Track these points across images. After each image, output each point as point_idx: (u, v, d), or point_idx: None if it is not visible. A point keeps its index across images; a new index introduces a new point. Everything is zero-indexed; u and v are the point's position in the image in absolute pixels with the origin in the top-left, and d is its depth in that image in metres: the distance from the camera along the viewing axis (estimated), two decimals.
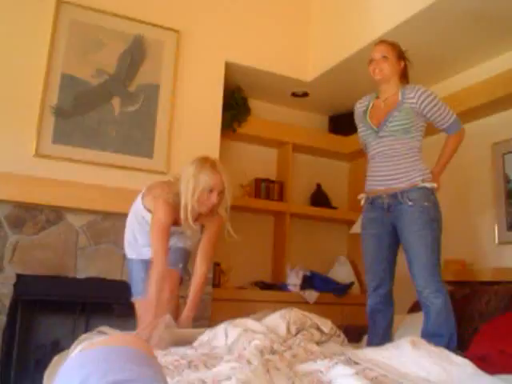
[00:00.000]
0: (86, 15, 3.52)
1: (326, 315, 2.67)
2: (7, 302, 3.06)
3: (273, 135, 4.55)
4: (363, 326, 3.53)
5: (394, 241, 2.76)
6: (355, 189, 4.96)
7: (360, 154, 4.82)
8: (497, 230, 3.57)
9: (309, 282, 4.20)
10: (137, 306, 2.70)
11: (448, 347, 2.17)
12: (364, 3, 3.79)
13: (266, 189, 4.51)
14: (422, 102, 2.68)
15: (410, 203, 2.57)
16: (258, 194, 4.48)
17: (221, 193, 2.54)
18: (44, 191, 3.20)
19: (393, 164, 2.66)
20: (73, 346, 2.08)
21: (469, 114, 3.70)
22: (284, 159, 4.67)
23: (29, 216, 3.22)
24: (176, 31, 3.80)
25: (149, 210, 2.64)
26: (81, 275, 3.31)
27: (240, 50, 4.09)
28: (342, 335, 2.28)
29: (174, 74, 3.75)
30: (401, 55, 2.82)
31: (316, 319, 2.19)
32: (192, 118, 3.80)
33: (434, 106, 2.69)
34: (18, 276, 3.12)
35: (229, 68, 4.06)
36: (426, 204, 2.57)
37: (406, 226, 2.60)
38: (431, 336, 2.44)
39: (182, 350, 1.90)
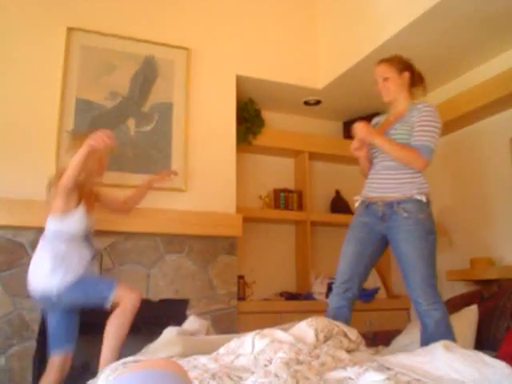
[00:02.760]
0: (97, 40, 3.58)
1: (354, 321, 2.66)
2: (36, 327, 3.09)
3: (288, 145, 4.55)
4: (393, 331, 3.50)
5: (377, 250, 2.74)
6: None
7: None
8: None
9: None
10: None
11: None
12: (370, 9, 3.79)
13: (285, 199, 4.50)
14: (420, 114, 2.63)
15: (405, 214, 2.53)
16: (277, 204, 4.48)
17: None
18: None
19: (392, 175, 2.64)
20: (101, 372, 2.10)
21: (485, 110, 3.67)
22: (301, 168, 4.67)
23: None
24: (186, 49, 3.84)
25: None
26: None
27: (250, 62, 4.12)
28: (364, 343, 2.26)
29: (187, 91, 3.79)
30: (402, 67, 2.78)
31: (342, 326, 2.18)
32: (207, 134, 3.82)
33: (424, 121, 2.61)
34: None
35: (240, 81, 4.09)
36: (421, 216, 2.52)
37: (402, 238, 2.56)
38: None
39: (202, 361, 1.90)
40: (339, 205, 4.76)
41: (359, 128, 2.67)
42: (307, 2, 4.46)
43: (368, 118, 4.83)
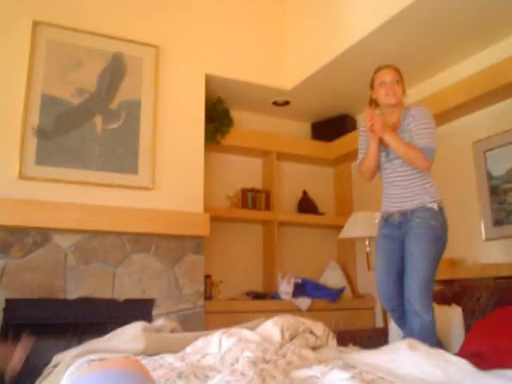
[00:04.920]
0: (64, 35, 3.52)
1: (319, 321, 2.68)
2: None
3: (257, 145, 4.57)
4: (357, 331, 3.55)
5: (403, 257, 2.79)
6: (341, 194, 5.00)
7: (344, 159, 4.87)
8: (483, 227, 3.61)
9: (301, 289, 4.20)
10: None
11: None
12: (339, 10, 3.84)
13: (253, 198, 4.52)
14: (415, 119, 2.70)
15: (418, 220, 2.63)
16: (244, 204, 4.49)
17: None
18: (29, 213, 3.18)
19: (404, 188, 2.72)
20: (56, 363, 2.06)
21: (449, 114, 3.76)
22: (269, 168, 4.69)
23: (15, 239, 3.19)
24: (155, 46, 3.81)
25: None
26: (71, 296, 3.28)
27: (219, 61, 4.12)
28: (334, 337, 2.29)
29: (155, 89, 3.76)
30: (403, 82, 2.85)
31: (308, 323, 2.20)
32: (175, 132, 3.80)
33: (422, 124, 2.68)
34: (7, 301, 3.08)
35: (209, 80, 4.08)
36: (432, 222, 2.60)
37: (411, 239, 2.64)
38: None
39: (168, 359, 1.89)
40: (306, 205, 4.80)
41: (376, 119, 2.70)
42: (277, 2, 4.49)
43: (336, 119, 4.92)
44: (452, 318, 2.99)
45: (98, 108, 3.56)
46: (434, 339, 2.52)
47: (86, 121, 3.51)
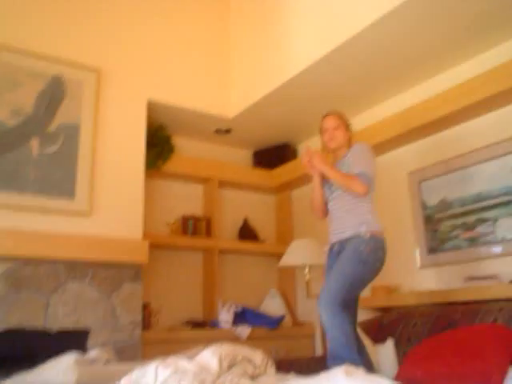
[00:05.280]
0: (1, 54, 3.42)
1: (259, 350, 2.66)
2: None
3: (198, 172, 4.55)
4: (296, 359, 3.55)
5: None
6: (282, 221, 5.04)
7: (285, 187, 4.94)
8: (418, 255, 3.72)
9: (240, 317, 4.16)
10: None
11: None
12: (283, 40, 3.93)
13: (194, 226, 4.47)
14: (352, 151, 2.90)
15: (350, 246, 2.77)
16: (185, 231, 4.44)
17: None
18: None
19: (343, 219, 2.87)
20: None
21: (384, 145, 3.89)
22: (210, 195, 4.68)
23: None
24: (96, 70, 3.75)
25: None
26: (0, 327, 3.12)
27: (162, 88, 4.11)
28: (273, 365, 2.27)
29: (95, 113, 3.69)
30: (348, 126, 3.05)
31: (247, 351, 2.17)
32: (115, 158, 3.74)
33: (360, 154, 2.86)
34: None
35: (151, 106, 4.06)
36: (361, 248, 2.72)
37: (338, 260, 2.78)
38: (333, 359, 2.54)
39: None
40: (247, 232, 4.80)
41: (314, 155, 2.91)
42: (222, 31, 4.55)
43: (277, 148, 4.99)
44: (386, 353, 3.04)
45: (35, 130, 3.45)
46: (353, 346, 2.56)
47: (21, 143, 3.39)
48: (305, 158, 2.95)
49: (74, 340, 3.33)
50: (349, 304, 2.73)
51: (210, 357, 2.02)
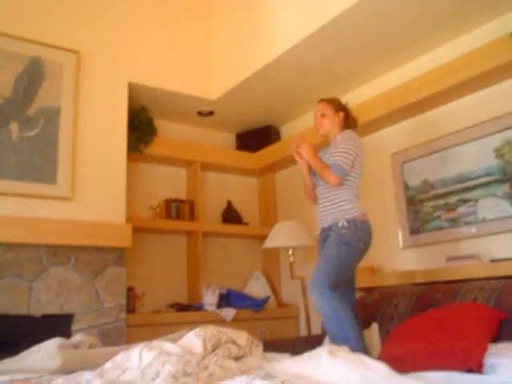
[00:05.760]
0: None
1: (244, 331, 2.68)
2: None
3: (180, 155, 4.52)
4: (281, 340, 3.58)
5: None
6: (266, 204, 5.05)
7: (269, 170, 4.94)
8: (401, 235, 3.76)
9: (225, 299, 4.18)
10: None
11: None
12: (265, 22, 3.89)
13: (177, 209, 4.46)
14: (337, 141, 2.96)
15: (332, 233, 2.87)
16: (168, 214, 4.43)
17: None
18: None
19: (323, 206, 2.97)
20: None
21: (367, 127, 3.90)
22: (193, 178, 4.66)
23: None
24: (76, 52, 3.69)
25: None
26: None
27: (143, 70, 4.05)
28: (260, 344, 2.30)
29: (76, 96, 3.64)
30: (338, 107, 3.08)
31: (231, 333, 2.19)
32: (96, 141, 3.70)
33: (338, 146, 2.92)
34: None
35: (132, 88, 4.01)
36: (342, 231, 2.82)
37: (324, 245, 2.89)
38: (332, 337, 2.64)
39: (86, 377, 1.82)
40: (231, 215, 4.80)
41: (301, 142, 2.98)
42: (204, 12, 4.49)
43: (261, 130, 4.98)
44: (372, 337, 3.09)
45: (13, 114, 3.39)
46: (347, 325, 2.62)
47: (0, 127, 3.33)
48: (293, 145, 3.02)
49: (58, 325, 3.32)
50: (342, 285, 2.82)
51: (194, 339, 2.04)
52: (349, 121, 3.10)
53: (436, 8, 3.13)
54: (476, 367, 2.13)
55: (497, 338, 2.41)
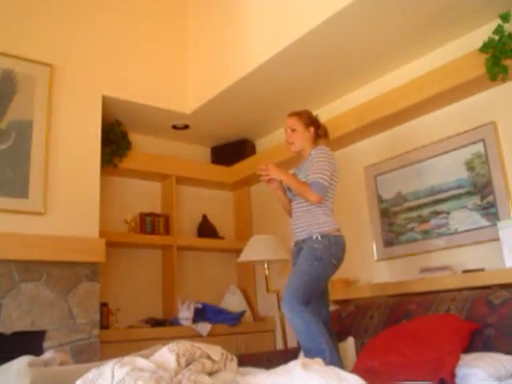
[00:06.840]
0: None
1: (220, 346, 2.66)
2: None
3: (155, 168, 4.50)
4: (257, 354, 3.56)
5: None
6: (241, 217, 5.04)
7: (244, 183, 4.94)
8: (375, 248, 3.79)
9: (201, 314, 4.15)
10: None
11: None
12: (239, 36, 3.92)
13: (152, 223, 4.43)
14: (312, 158, 2.94)
15: (306, 247, 2.87)
16: (143, 228, 4.39)
17: None
18: None
19: (299, 221, 2.97)
20: None
21: (341, 141, 3.95)
22: (168, 192, 4.64)
23: None
24: (48, 65, 3.66)
25: None
26: None
27: (117, 83, 4.03)
28: (235, 359, 2.28)
29: (48, 109, 3.60)
30: (308, 122, 3.07)
31: (205, 348, 2.17)
32: (70, 155, 3.66)
33: (317, 162, 2.91)
34: None
35: (106, 102, 3.98)
36: (315, 246, 2.82)
37: (297, 260, 2.89)
38: (306, 351, 2.64)
39: None
40: (206, 229, 4.78)
41: (270, 167, 2.97)
42: (179, 25, 4.50)
43: (236, 144, 4.99)
44: (347, 350, 3.10)
45: None
46: (320, 338, 2.62)
47: None
48: (263, 173, 3.00)
49: (29, 342, 3.25)
50: (315, 298, 2.83)
51: (167, 354, 2.01)
52: (319, 132, 3.10)
53: (405, 24, 3.20)
54: (448, 378, 2.15)
55: (469, 349, 2.44)
